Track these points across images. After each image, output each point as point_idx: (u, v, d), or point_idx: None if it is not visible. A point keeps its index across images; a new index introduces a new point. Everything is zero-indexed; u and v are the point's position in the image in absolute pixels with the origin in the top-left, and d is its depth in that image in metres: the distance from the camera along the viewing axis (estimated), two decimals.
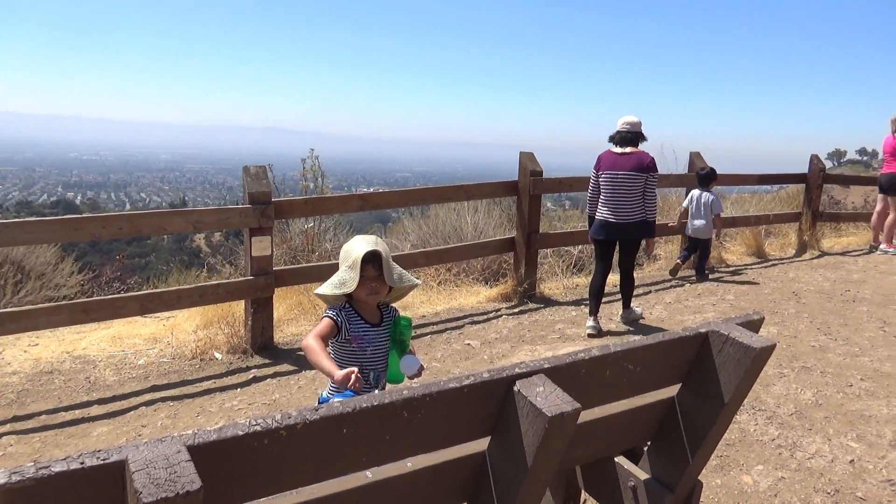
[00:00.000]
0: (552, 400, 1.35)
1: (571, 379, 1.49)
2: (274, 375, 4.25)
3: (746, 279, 6.84)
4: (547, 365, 1.46)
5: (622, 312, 5.33)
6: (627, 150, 5.02)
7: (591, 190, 5.18)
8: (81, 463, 0.99)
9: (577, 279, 7.07)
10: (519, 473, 1.42)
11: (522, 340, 4.89)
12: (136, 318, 5.14)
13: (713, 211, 6.79)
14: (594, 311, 5.08)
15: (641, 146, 5.09)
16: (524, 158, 5.97)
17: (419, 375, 2.27)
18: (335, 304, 2.31)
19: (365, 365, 2.26)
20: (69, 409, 3.78)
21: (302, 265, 5.75)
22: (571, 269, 7.72)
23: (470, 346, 4.79)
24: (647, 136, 5.11)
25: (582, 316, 5.44)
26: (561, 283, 6.76)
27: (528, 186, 5.88)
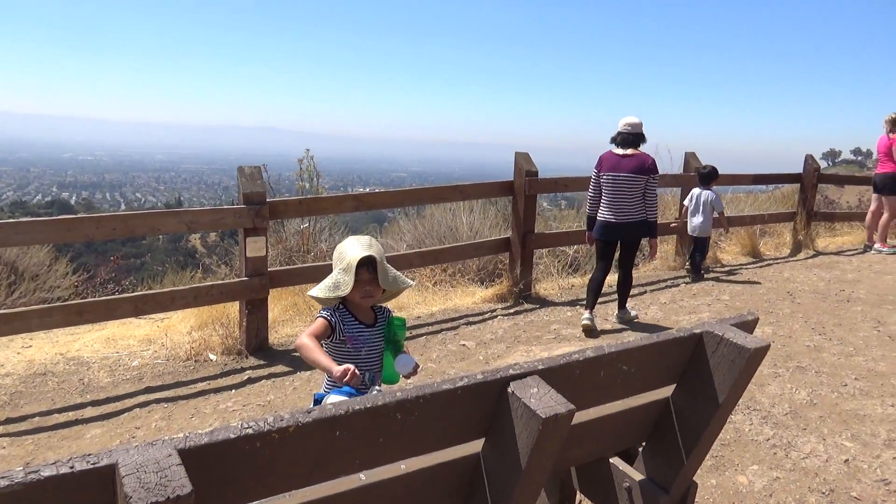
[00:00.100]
0: (546, 401, 1.34)
1: (566, 380, 1.49)
2: (269, 377, 4.24)
3: (741, 279, 6.86)
4: (541, 366, 1.45)
5: (617, 312, 5.35)
6: (629, 151, 5.07)
7: (591, 189, 5.22)
8: (71, 467, 0.98)
9: (572, 279, 7.07)
10: (513, 475, 1.42)
11: (518, 341, 4.89)
12: (130, 319, 5.12)
13: (714, 209, 6.83)
14: (590, 306, 5.13)
15: (641, 147, 5.13)
16: (519, 159, 5.97)
17: (415, 374, 2.28)
18: (329, 304, 2.31)
19: (360, 365, 2.26)
20: (63, 410, 3.76)
21: (297, 266, 5.74)
22: (567, 269, 7.72)
23: (465, 346, 4.79)
24: (647, 137, 5.16)
25: (577, 316, 5.44)
26: (556, 283, 6.76)
27: (523, 186, 5.88)
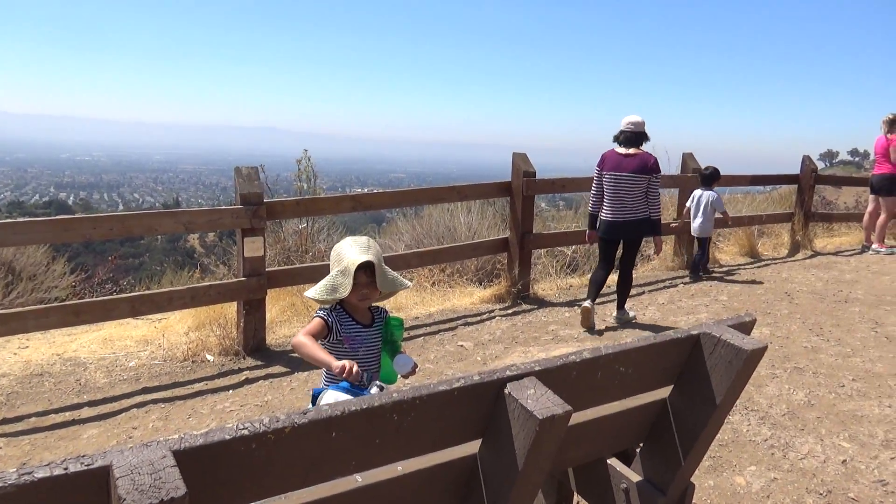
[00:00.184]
0: (543, 402, 1.34)
1: (563, 381, 1.48)
2: (266, 377, 4.23)
3: (739, 279, 6.86)
4: (538, 367, 1.45)
5: (616, 313, 5.35)
6: (631, 150, 5.10)
7: (594, 187, 5.25)
8: (65, 469, 0.98)
9: (570, 280, 7.07)
10: (510, 476, 1.41)
11: (516, 342, 4.89)
12: (127, 319, 5.12)
13: (716, 209, 6.85)
14: (592, 296, 5.20)
15: (643, 146, 5.16)
16: (517, 159, 5.97)
17: (413, 374, 2.28)
18: (326, 304, 2.31)
19: (358, 365, 2.25)
20: (59, 411, 3.75)
21: (295, 266, 5.73)
22: (565, 269, 7.72)
23: (463, 347, 4.78)
24: (649, 136, 5.19)
25: (575, 317, 5.44)
26: (554, 283, 6.76)
27: (521, 187, 5.88)
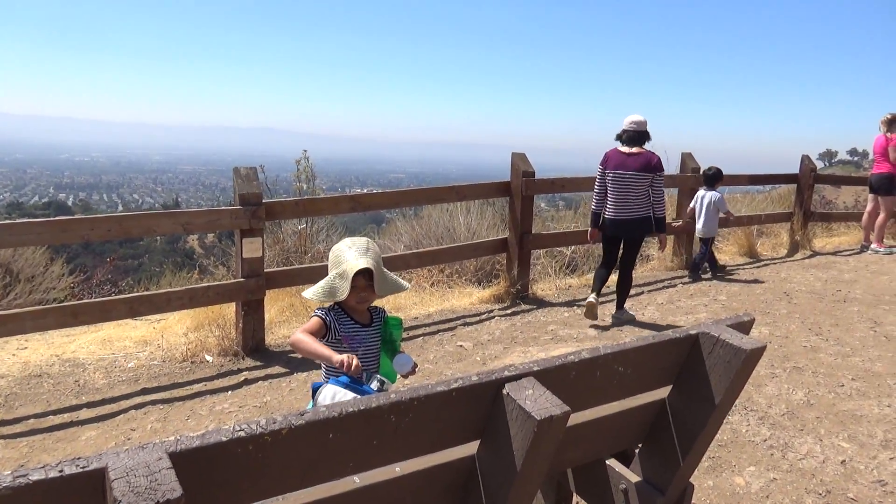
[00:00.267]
0: (541, 403, 1.33)
1: (561, 381, 1.48)
2: (265, 378, 4.22)
3: (738, 279, 6.86)
4: (536, 368, 1.44)
5: (615, 313, 5.35)
6: (634, 149, 5.13)
7: (597, 185, 5.28)
8: (60, 471, 0.97)
9: (569, 280, 7.07)
10: (508, 477, 1.41)
11: (515, 342, 4.88)
12: (126, 320, 5.11)
13: (719, 210, 6.86)
14: (597, 289, 5.25)
15: (646, 145, 5.19)
16: (516, 159, 5.97)
17: (413, 374, 2.27)
18: (324, 304, 2.31)
19: None
20: (58, 412, 3.74)
21: (294, 266, 5.73)
22: (564, 269, 7.72)
23: (462, 347, 4.78)
24: (651, 135, 5.22)
25: (574, 317, 5.44)
26: (553, 283, 6.76)
27: (520, 187, 5.87)
